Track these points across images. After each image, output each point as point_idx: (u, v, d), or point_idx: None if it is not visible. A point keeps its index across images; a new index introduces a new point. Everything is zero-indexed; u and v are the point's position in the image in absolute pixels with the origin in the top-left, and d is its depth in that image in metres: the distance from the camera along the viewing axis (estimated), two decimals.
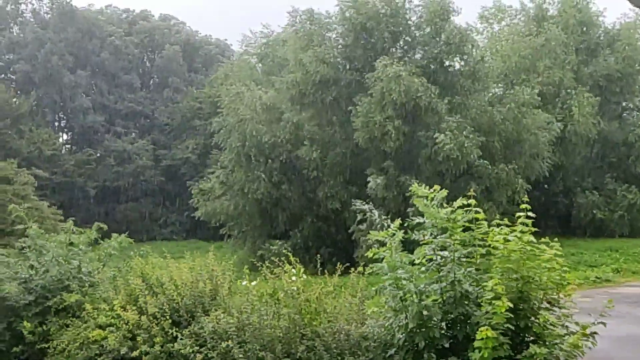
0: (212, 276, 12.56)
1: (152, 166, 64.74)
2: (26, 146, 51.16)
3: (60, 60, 64.92)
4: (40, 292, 13.45)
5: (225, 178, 41.81)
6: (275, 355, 10.45)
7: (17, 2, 70.89)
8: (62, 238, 14.86)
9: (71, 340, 12.48)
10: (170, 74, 71.24)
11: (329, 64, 36.37)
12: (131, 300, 12.33)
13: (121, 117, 67.84)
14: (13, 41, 68.21)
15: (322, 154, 36.85)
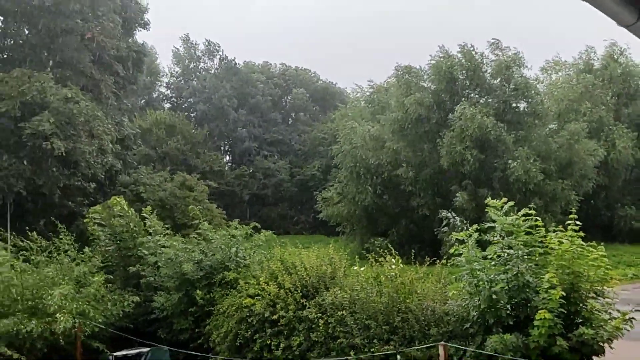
0: (331, 262, 12.63)
1: (288, 180, 65.88)
2: (201, 164, 52.89)
3: (227, 102, 67.06)
4: (208, 270, 13.83)
5: (341, 190, 42.22)
6: (377, 324, 10.39)
7: (197, 62, 73.76)
8: (225, 232, 15.27)
9: (229, 305, 12.80)
10: (302, 112, 72.54)
11: (423, 105, 36.53)
12: (272, 278, 12.53)
13: (267, 144, 69.22)
14: (195, 89, 70.95)
15: (415, 173, 37.23)
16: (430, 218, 36.16)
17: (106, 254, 15.50)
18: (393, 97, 40.22)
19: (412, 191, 37.88)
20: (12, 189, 25.39)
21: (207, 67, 73.85)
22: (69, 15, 28.41)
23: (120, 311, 13.83)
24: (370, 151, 39.00)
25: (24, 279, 11.98)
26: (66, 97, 26.61)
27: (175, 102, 72.56)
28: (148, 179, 35.37)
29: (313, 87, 74.84)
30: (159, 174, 37.58)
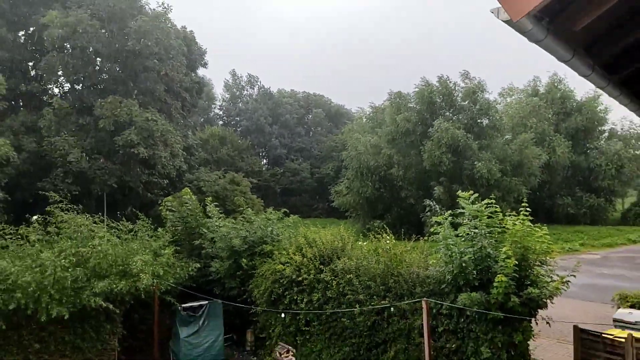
0: (342, 238, 12.58)
1: (309, 177, 65.94)
2: (245, 166, 53.16)
3: (264, 120, 67.24)
4: (251, 244, 13.85)
5: (349, 185, 42.15)
6: (376, 284, 10.35)
7: (242, 90, 74.08)
8: (263, 216, 15.29)
9: (266, 270, 12.81)
10: (319, 127, 72.59)
11: (410, 121, 36.48)
12: (298, 250, 12.52)
13: (294, 151, 69.33)
14: (240, 110, 71.38)
15: (404, 173, 37.12)
16: (415, 206, 36.27)
17: (175, 232, 15.62)
18: (387, 115, 40.23)
19: (401, 186, 37.91)
20: (108, 183, 25.71)
21: (249, 94, 74.20)
22: (148, 57, 28.59)
23: (186, 274, 13.91)
24: (370, 156, 39.05)
25: (116, 251, 12.10)
26: (147, 118, 26.85)
27: (226, 120, 72.99)
28: (206, 177, 35.56)
29: (327, 108, 75.24)
30: (214, 173, 37.78)
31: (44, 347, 11.11)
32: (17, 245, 11.08)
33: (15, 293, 9.85)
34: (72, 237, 12.07)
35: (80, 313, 11.08)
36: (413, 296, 9.49)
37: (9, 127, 25.76)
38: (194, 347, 12.46)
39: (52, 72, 28.17)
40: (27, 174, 24.84)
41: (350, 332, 10.59)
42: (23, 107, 29.53)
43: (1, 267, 10.04)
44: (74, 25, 25.76)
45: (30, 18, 28.75)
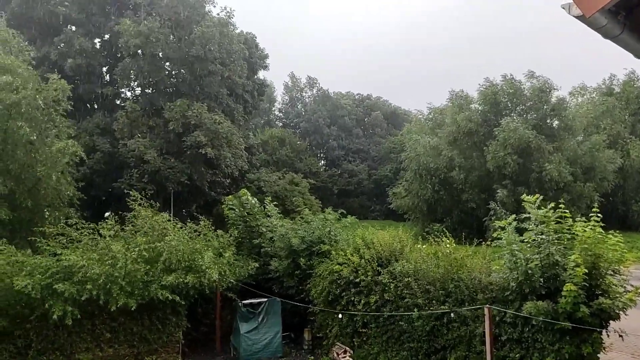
0: (400, 240, 12.44)
1: (367, 179, 65.70)
2: (303, 167, 53.77)
3: (322, 121, 67.75)
4: (309, 243, 13.96)
5: (407, 187, 41.60)
6: (435, 288, 10.15)
7: (301, 92, 75.06)
8: (321, 216, 15.39)
9: (324, 270, 12.88)
10: (378, 128, 72.13)
11: (472, 121, 35.43)
12: (356, 251, 12.51)
13: (352, 152, 69.32)
14: (299, 112, 72.36)
15: (465, 175, 36.04)
16: (477, 210, 35.27)
17: (236, 231, 16.02)
18: (448, 116, 39.28)
19: (462, 188, 36.90)
20: (176, 181, 26.96)
21: (308, 96, 75.05)
22: (213, 62, 29.67)
23: (247, 272, 14.25)
24: (430, 157, 38.32)
25: (184, 247, 12.61)
26: (214, 120, 27.87)
27: (285, 121, 74.15)
28: (266, 177, 36.34)
29: (385, 110, 74.69)
30: (274, 174, 38.52)
31: (114, 336, 11.80)
32: (91, 240, 11.81)
33: (86, 284, 10.51)
34: (147, 233, 12.69)
35: (148, 305, 11.67)
36: (474, 302, 9.22)
37: (85, 129, 27.61)
38: (254, 342, 12.76)
39: (126, 77, 29.94)
40: (101, 172, 26.55)
41: (408, 336, 10.45)
42: (99, 110, 31.55)
43: (72, 260, 10.74)
44: (146, 34, 27.22)
45: (105, 26, 30.69)
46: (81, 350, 11.36)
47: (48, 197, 15.97)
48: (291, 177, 38.54)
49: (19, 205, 14.45)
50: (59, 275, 10.65)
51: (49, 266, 10.72)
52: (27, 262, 10.69)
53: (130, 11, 30.76)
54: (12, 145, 14.62)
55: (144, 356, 12.03)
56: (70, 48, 28.07)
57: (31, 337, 10.94)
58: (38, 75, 16.01)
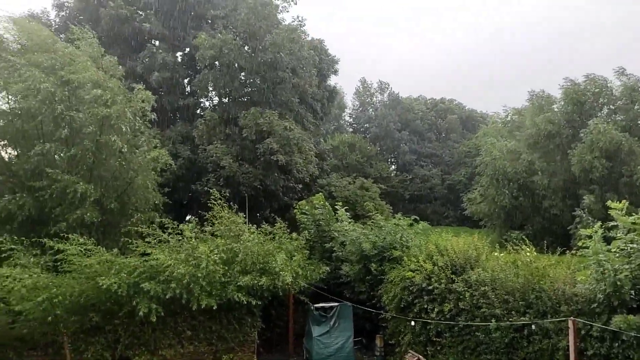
0: (476, 247, 12.08)
1: (440, 184, 64.25)
2: (374, 172, 53.39)
3: (393, 126, 67.17)
4: (380, 249, 13.95)
5: (483, 192, 40.07)
6: (514, 299, 9.76)
7: (371, 97, 74.91)
8: (392, 221, 15.30)
9: (395, 276, 12.81)
10: (451, 132, 70.40)
11: (554, 123, 33.48)
12: (428, 257, 12.32)
13: (424, 157, 68.05)
14: (369, 117, 72.21)
15: (548, 180, 34.09)
16: (559, 216, 33.20)
17: (308, 235, 16.29)
18: (527, 118, 37.33)
19: (544, 194, 34.89)
20: (250, 186, 27.92)
21: (379, 100, 74.70)
22: (284, 69, 30.41)
23: (318, 276, 14.45)
24: (507, 162, 36.61)
25: (258, 249, 13.03)
26: (285, 127, 28.56)
27: (356, 126, 74.25)
28: (337, 182, 36.58)
29: (459, 113, 72.74)
30: (344, 179, 38.68)
31: (194, 334, 12.44)
32: (176, 241, 12.54)
33: (171, 284, 11.16)
34: (224, 235, 13.28)
35: (226, 305, 12.19)
36: (558, 314, 8.74)
37: (169, 137, 29.35)
38: (326, 346, 12.91)
39: (204, 88, 31.48)
40: (183, 178, 28.06)
41: (485, 347, 10.10)
42: (180, 119, 33.44)
43: (160, 260, 11.43)
44: (220, 46, 28.50)
45: (184, 40, 32.52)
46: (164, 346, 12.08)
47: (136, 202, 17.18)
48: (361, 182, 38.49)
49: (109, 209, 15.64)
50: (145, 274, 11.40)
51: (136, 266, 11.51)
52: (115, 262, 11.55)
53: (208, 25, 32.36)
54: (104, 155, 15.86)
55: (221, 354, 12.57)
56: (154, 62, 30.02)
57: (119, 333, 11.81)
58: (126, 87, 17.27)
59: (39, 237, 12.55)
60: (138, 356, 11.79)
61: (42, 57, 15.27)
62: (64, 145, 15.22)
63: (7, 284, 10.40)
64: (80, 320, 11.40)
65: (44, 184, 14.34)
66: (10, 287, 10.42)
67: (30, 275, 10.65)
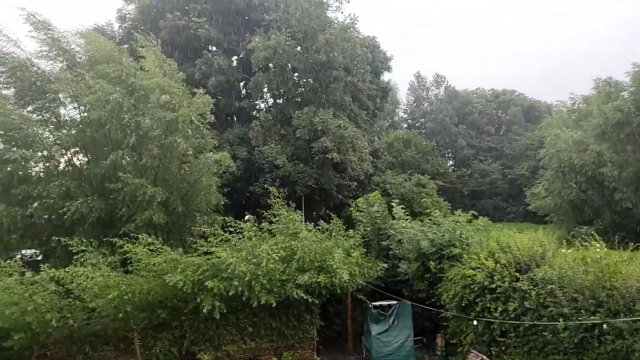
0: (541, 244, 11.60)
1: (501, 178, 62.04)
2: (430, 168, 52.47)
3: (449, 120, 65.60)
4: (439, 246, 13.70)
5: (548, 186, 38.29)
6: (584, 297, 9.29)
7: (427, 91, 73.47)
8: (451, 218, 14.98)
9: (455, 274, 12.53)
10: (513, 125, 67.77)
11: (623, 112, 31.36)
12: (490, 255, 11.97)
13: (483, 151, 66.01)
14: (424, 112, 70.89)
15: (618, 171, 31.98)
16: (633, 210, 31.05)
17: (364, 233, 16.26)
18: (594, 106, 35.21)
19: (615, 187, 32.74)
20: (305, 185, 28.22)
21: (435, 94, 73.18)
22: (337, 68, 30.45)
23: (375, 274, 14.39)
24: (574, 153, 34.65)
25: (315, 247, 13.15)
26: (339, 125, 28.63)
27: (410, 122, 73.15)
28: (392, 180, 36.20)
29: (521, 104, 69.89)
30: (400, 176, 38.23)
31: (255, 330, 12.75)
32: (237, 240, 12.90)
33: (233, 281, 11.49)
34: (283, 232, 13.52)
35: (285, 303, 12.41)
36: (632, 313, 8.23)
37: (227, 140, 30.21)
38: (385, 345, 12.83)
39: (259, 90, 32.13)
40: (241, 178, 28.79)
41: (553, 348, 9.69)
42: (237, 122, 34.33)
43: (223, 258, 11.80)
44: (274, 48, 28.97)
45: (239, 44, 33.34)
46: (227, 342, 12.48)
47: (199, 203, 17.85)
48: (417, 178, 37.86)
49: (173, 210, 16.34)
50: (209, 272, 11.82)
51: (200, 264, 11.96)
52: (180, 261, 12.04)
53: (261, 28, 33.01)
54: (169, 158, 16.59)
55: (282, 351, 12.80)
56: (211, 67, 31.00)
57: (185, 329, 12.32)
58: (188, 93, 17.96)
59: (108, 237, 13.34)
60: (203, 351, 12.23)
61: (109, 68, 16.19)
62: (132, 151, 16.04)
63: (81, 282, 11.10)
64: (149, 317, 11.98)
65: (115, 188, 15.19)
66: (84, 285, 11.12)
67: (101, 273, 11.31)
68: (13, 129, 15.30)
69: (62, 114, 17.59)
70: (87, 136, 16.76)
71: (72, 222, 15.20)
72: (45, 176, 16.15)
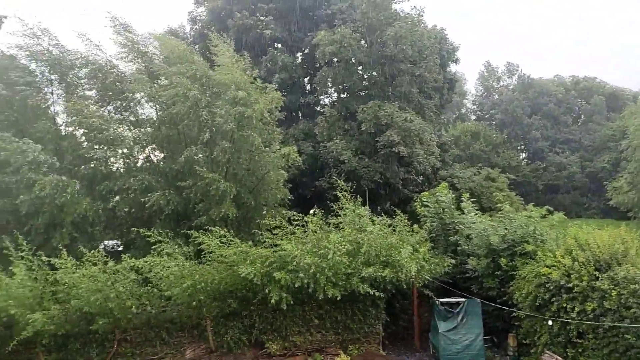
0: (623, 241, 10.84)
1: (579, 172, 58.37)
2: (501, 161, 50.52)
3: (521, 110, 62.61)
4: (510, 242, 13.21)
5: (631, 180, 35.66)
6: None
7: (498, 81, 70.54)
8: (524, 213, 14.37)
9: (529, 272, 12.02)
10: (592, 114, 63.53)
11: None
12: (567, 252, 11.36)
13: (559, 143, 62.33)
14: (494, 103, 68.11)
15: None
16: None
17: (431, 228, 15.94)
18: None
19: None
20: (370, 179, 28.10)
21: (506, 84, 70.09)
22: (403, 60, 29.97)
23: (442, 270, 14.09)
24: None
25: (381, 242, 13.07)
26: (405, 119, 28.22)
27: (479, 114, 70.58)
28: (460, 173, 35.16)
29: (601, 92, 65.23)
30: (468, 170, 37.07)
31: (321, 323, 12.92)
32: (302, 232, 13.11)
33: (299, 273, 11.68)
34: (349, 226, 13.56)
35: (350, 296, 12.46)
36: None
37: (292, 135, 30.71)
38: (453, 343, 12.55)
39: (323, 85, 32.35)
40: (306, 173, 29.17)
41: (637, 351, 9.06)
42: (302, 117, 34.79)
43: (287, 250, 12.01)
44: (339, 42, 29.00)
45: (303, 41, 33.71)
46: (294, 333, 12.74)
47: (267, 197, 18.32)
48: (487, 172, 36.50)
49: (243, 204, 16.88)
50: (275, 264, 12.11)
51: (267, 256, 12.27)
52: (250, 253, 12.42)
53: (325, 24, 33.15)
54: (239, 153, 17.12)
55: (348, 344, 12.89)
56: (275, 65, 31.60)
57: (254, 318, 12.72)
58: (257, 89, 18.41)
59: (183, 229, 14.00)
60: (271, 341, 12.58)
61: (184, 68, 16.95)
62: (205, 147, 16.73)
63: (158, 271, 11.76)
64: (220, 306, 12.49)
65: (190, 183, 15.93)
66: (161, 274, 11.78)
67: (176, 263, 11.92)
68: (95, 130, 16.42)
69: (140, 113, 18.70)
70: (162, 134, 17.68)
71: (150, 214, 16.13)
72: (125, 172, 17.23)
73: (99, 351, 11.93)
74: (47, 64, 17.60)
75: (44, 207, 14.67)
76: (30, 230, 14.57)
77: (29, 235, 14.12)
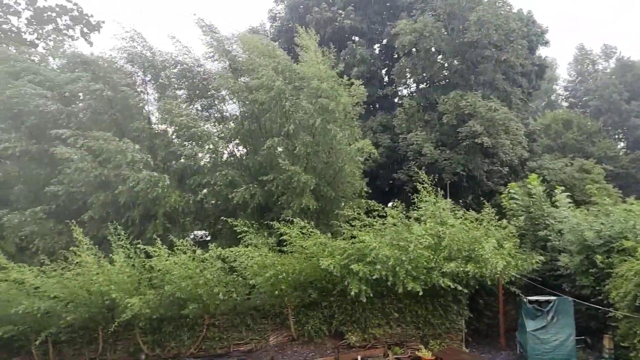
0: None
1: None
2: (596, 151, 46.66)
3: (619, 96, 57.33)
4: (607, 238, 12.27)
5: None
6: None
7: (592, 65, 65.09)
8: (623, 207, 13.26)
9: (627, 270, 11.08)
10: None
11: None
12: None
13: None
14: (588, 89, 62.97)
15: None
16: None
17: (518, 222, 15.17)
18: None
19: None
20: (452, 172, 27.22)
21: (603, 69, 64.45)
22: (486, 47, 28.63)
23: (530, 266, 13.40)
24: None
25: (463, 236, 12.68)
26: (489, 108, 27.02)
27: (572, 101, 65.60)
28: (550, 165, 32.99)
29: None
30: (559, 160, 34.70)
31: (401, 316, 12.81)
32: (380, 224, 13.05)
33: (376, 265, 11.63)
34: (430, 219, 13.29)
35: (431, 291, 12.22)
36: None
37: (370, 127, 30.52)
38: (542, 342, 11.92)
39: (402, 76, 31.76)
40: (384, 165, 28.88)
41: None
42: (379, 110, 34.44)
43: (366, 241, 12.00)
44: (420, 30, 28.28)
45: (382, 33, 33.28)
46: (374, 325, 12.76)
47: (345, 190, 18.44)
48: (581, 163, 33.93)
49: (322, 196, 17.11)
50: (354, 256, 12.18)
51: (346, 248, 12.37)
52: (329, 244, 12.60)
53: (404, 13, 32.46)
54: (319, 146, 17.36)
55: (429, 339, 12.68)
56: (354, 58, 31.49)
57: (334, 309, 12.90)
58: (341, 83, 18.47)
59: (266, 220, 14.46)
60: (351, 332, 12.69)
61: (266, 61, 17.45)
62: (287, 139, 17.14)
63: (243, 260, 12.29)
64: (301, 296, 12.81)
65: (271, 177, 16.43)
66: (245, 263, 12.30)
67: (260, 253, 12.38)
68: (184, 128, 17.39)
69: (224, 109, 19.56)
70: (244, 129, 18.36)
71: (235, 207, 16.85)
72: (212, 166, 18.11)
73: (190, 335, 12.73)
74: (142, 65, 18.89)
75: (138, 200, 15.81)
76: (127, 221, 15.78)
77: (127, 226, 15.31)
